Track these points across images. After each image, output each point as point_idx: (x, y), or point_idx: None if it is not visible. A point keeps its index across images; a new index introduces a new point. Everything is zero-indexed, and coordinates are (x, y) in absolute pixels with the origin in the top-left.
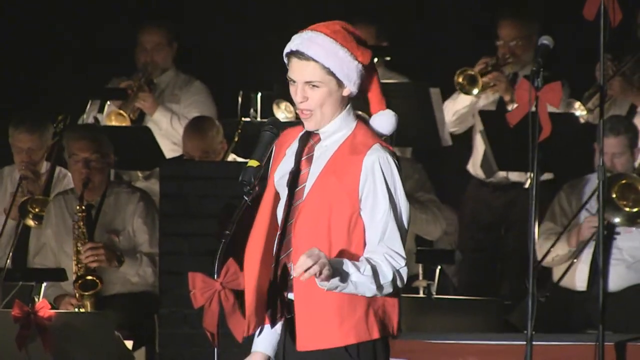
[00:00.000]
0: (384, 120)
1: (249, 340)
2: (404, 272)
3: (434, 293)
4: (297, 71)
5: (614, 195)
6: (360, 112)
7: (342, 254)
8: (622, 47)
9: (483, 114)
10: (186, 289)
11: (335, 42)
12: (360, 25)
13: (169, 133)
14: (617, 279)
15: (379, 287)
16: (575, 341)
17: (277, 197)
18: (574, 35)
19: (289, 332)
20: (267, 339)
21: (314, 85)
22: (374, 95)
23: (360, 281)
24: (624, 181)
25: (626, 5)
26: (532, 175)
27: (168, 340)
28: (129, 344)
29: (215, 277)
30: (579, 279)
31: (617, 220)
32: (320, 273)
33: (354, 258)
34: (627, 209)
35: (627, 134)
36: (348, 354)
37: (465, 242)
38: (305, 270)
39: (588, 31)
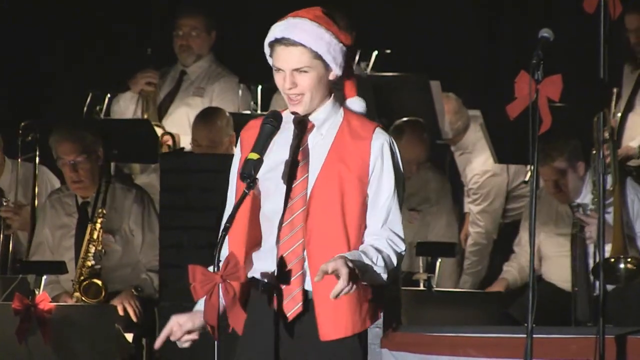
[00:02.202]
0: (355, 108)
1: None
2: (404, 254)
3: (434, 286)
4: (284, 58)
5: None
6: None
7: (358, 238)
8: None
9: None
10: (186, 281)
11: (319, 26)
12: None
13: None
14: None
15: (388, 276)
16: (575, 334)
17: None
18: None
19: (288, 322)
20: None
21: (302, 71)
22: (349, 80)
23: (375, 273)
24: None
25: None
26: (531, 168)
27: None
28: (129, 336)
29: (215, 270)
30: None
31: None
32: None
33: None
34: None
35: (562, 157)
36: (359, 340)
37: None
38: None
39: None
